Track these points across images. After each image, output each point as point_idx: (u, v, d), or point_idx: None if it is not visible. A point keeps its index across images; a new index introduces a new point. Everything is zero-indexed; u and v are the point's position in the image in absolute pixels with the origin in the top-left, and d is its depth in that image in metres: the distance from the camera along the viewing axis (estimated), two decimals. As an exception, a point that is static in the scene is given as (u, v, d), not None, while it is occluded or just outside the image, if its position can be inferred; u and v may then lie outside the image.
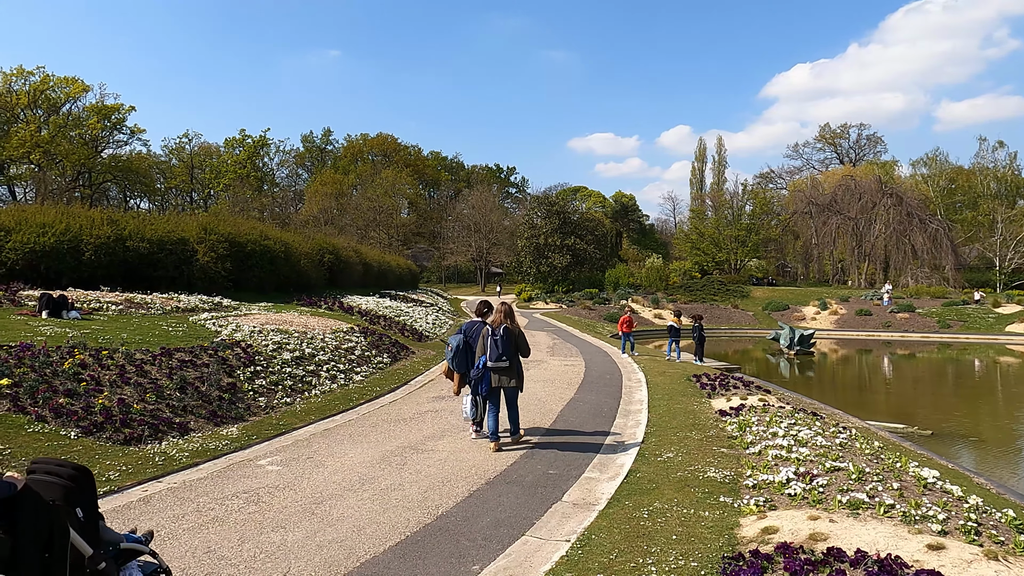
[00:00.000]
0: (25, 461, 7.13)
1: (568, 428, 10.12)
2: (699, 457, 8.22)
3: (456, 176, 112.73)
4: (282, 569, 5.09)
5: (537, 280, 63.10)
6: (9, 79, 76.53)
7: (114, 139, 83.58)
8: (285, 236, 26.63)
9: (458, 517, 6.27)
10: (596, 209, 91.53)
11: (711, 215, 78.23)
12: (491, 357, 8.73)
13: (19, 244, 17.14)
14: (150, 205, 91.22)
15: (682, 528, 5.84)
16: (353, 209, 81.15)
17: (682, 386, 14.10)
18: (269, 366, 12.40)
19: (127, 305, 15.86)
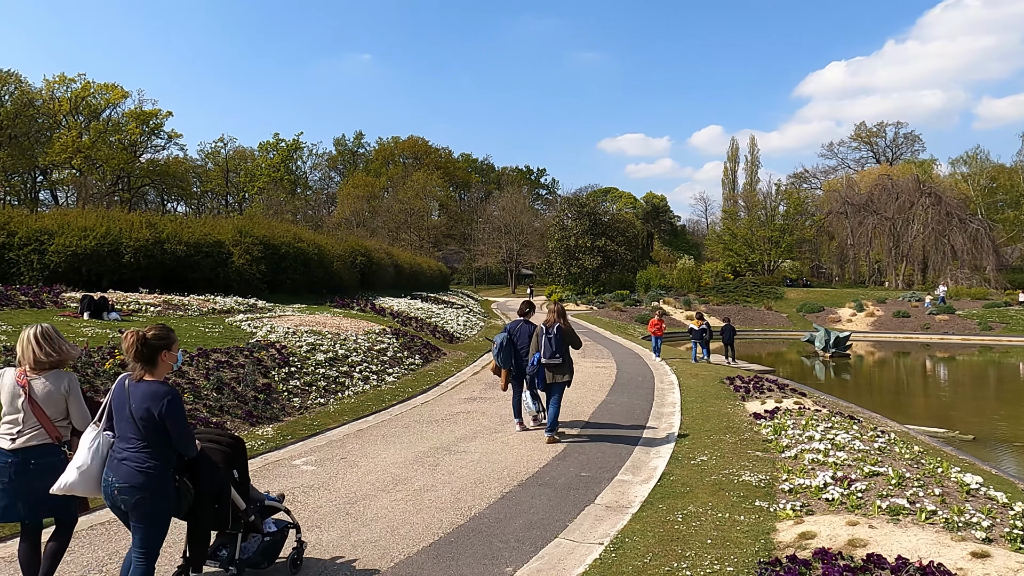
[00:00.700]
0: (68, 459, 7.30)
1: (600, 431, 10.08)
2: (733, 460, 8.13)
3: (487, 178, 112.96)
4: (316, 570, 5.14)
5: (567, 282, 62.96)
6: (52, 86, 78.61)
7: (152, 144, 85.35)
8: (318, 239, 26.94)
9: (491, 518, 6.27)
10: (627, 210, 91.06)
11: (744, 216, 77.38)
12: (545, 354, 9.30)
13: (62, 247, 17.58)
14: (187, 208, 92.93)
15: (717, 532, 5.78)
16: (384, 211, 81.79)
17: (715, 388, 13.96)
18: (303, 367, 12.54)
19: (165, 307, 16.17)
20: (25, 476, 4.22)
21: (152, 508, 3.97)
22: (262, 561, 4.85)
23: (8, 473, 4.22)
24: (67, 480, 3.99)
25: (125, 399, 4.03)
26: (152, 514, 3.99)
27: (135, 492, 3.91)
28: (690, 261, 66.15)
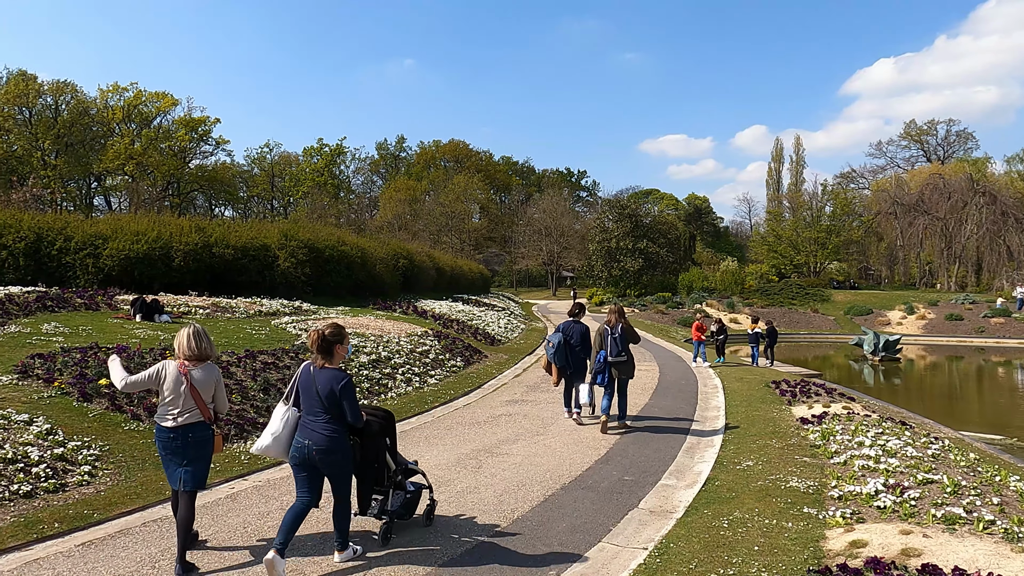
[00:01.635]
0: (123, 457, 7.52)
1: (643, 434, 9.99)
2: (780, 466, 7.99)
3: (527, 180, 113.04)
4: (364, 569, 5.19)
5: (608, 284, 62.59)
6: (106, 95, 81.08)
7: (200, 150, 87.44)
8: (361, 242, 27.25)
9: (534, 521, 6.26)
10: (669, 212, 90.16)
11: (789, 217, 76.00)
12: (611, 353, 10.06)
13: (115, 251, 18.09)
14: (233, 213, 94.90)
15: (764, 539, 5.68)
16: (426, 215, 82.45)
17: (760, 392, 13.74)
18: (347, 368, 12.69)
19: (213, 309, 16.52)
20: (184, 448, 5.17)
21: (340, 463, 5.24)
22: (405, 513, 5.96)
23: (171, 446, 5.18)
24: (262, 444, 5.29)
25: (311, 381, 5.21)
26: (340, 467, 5.26)
27: (325, 452, 5.12)
28: (733, 263, 65.16)
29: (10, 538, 5.52)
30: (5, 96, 74.46)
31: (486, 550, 5.58)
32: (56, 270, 18.03)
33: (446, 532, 5.98)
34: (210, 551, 5.50)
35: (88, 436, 7.74)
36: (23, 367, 9.42)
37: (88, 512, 6.15)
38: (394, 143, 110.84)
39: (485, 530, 6.02)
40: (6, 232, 17.72)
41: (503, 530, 6.03)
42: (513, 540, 5.80)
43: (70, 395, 8.77)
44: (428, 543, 5.73)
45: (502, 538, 5.84)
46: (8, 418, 7.57)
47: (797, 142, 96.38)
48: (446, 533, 5.95)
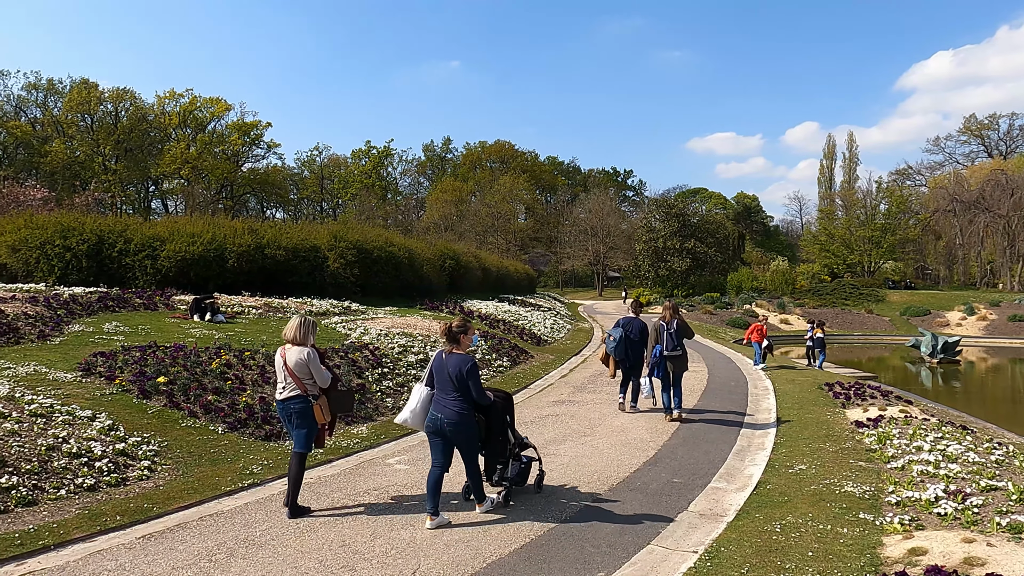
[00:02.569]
0: (181, 453, 7.74)
1: (691, 436, 9.86)
2: (834, 470, 7.80)
3: (573, 180, 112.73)
4: (412, 566, 5.25)
5: (655, 284, 62.04)
6: (163, 102, 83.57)
7: (253, 154, 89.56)
8: (408, 243, 27.54)
9: (582, 523, 6.23)
10: (717, 211, 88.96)
11: (841, 215, 74.26)
12: (667, 347, 10.63)
13: (172, 253, 18.63)
14: (284, 215, 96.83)
15: (819, 545, 5.55)
16: (472, 215, 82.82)
17: (813, 395, 13.44)
18: (395, 368, 12.83)
19: (265, 309, 16.88)
20: (289, 417, 6.27)
21: (466, 435, 6.20)
22: (520, 482, 6.91)
23: (282, 416, 6.40)
24: (403, 417, 6.38)
25: (443, 365, 6.20)
26: (467, 438, 6.23)
27: (455, 426, 6.09)
28: (784, 263, 63.97)
29: (75, 529, 5.73)
30: (69, 104, 77.34)
31: (533, 550, 5.58)
32: (116, 271, 18.65)
33: (492, 533, 6.00)
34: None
35: (147, 432, 7.98)
36: (86, 365, 9.77)
37: (148, 506, 6.34)
38: (440, 144, 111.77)
39: (533, 530, 6.01)
40: (70, 235, 18.40)
41: (550, 530, 6.02)
42: (561, 541, 5.78)
43: (130, 392, 9.06)
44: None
45: (551, 538, 5.83)
46: (73, 414, 7.86)
47: (850, 138, 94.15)
48: (492, 534, 5.97)
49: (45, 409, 7.76)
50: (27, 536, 5.52)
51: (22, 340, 11.01)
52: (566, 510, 6.55)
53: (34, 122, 78.83)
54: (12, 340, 10.88)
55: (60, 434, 7.24)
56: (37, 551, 5.35)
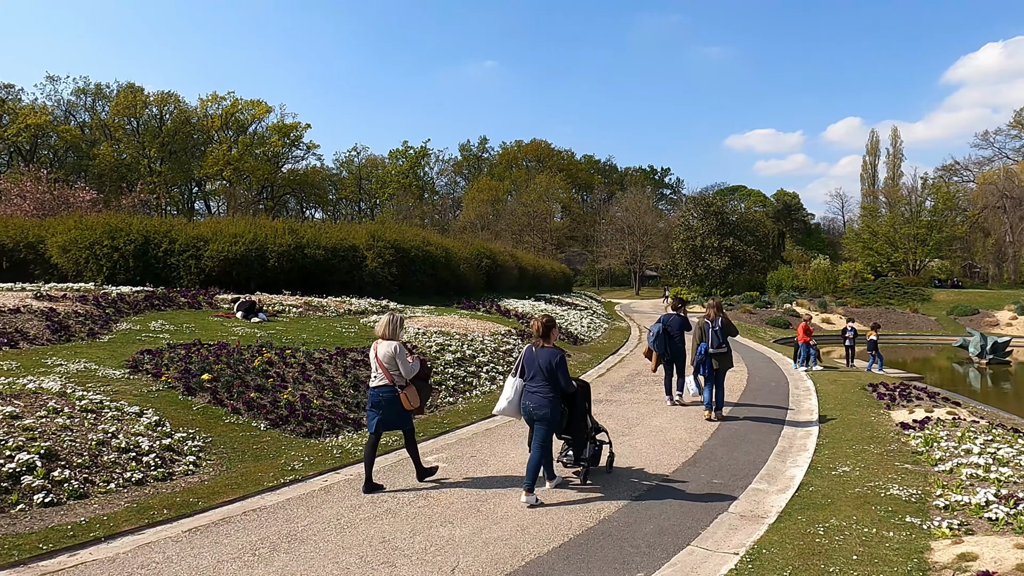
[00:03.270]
0: (224, 449, 7.89)
1: (731, 436, 9.75)
2: (879, 472, 7.64)
3: (609, 179, 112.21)
4: (451, 563, 5.28)
5: (693, 283, 61.39)
6: (205, 104, 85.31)
7: (292, 155, 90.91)
8: (445, 242, 27.66)
9: (620, 522, 6.21)
10: (756, 209, 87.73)
11: (885, 212, 72.61)
12: (712, 344, 10.76)
13: (215, 252, 19.00)
14: (323, 215, 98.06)
15: (863, 548, 5.44)
16: (508, 214, 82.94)
17: (856, 396, 13.18)
18: (433, 367, 12.91)
19: (305, 308, 17.12)
20: (379, 403, 6.99)
21: (551, 418, 6.82)
22: (594, 462, 7.64)
23: (373, 402, 7.05)
24: (500, 407, 7.08)
25: (534, 357, 6.93)
26: (550, 422, 6.83)
27: (543, 410, 6.77)
28: (825, 261, 62.73)
29: (124, 522, 5.88)
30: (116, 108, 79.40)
31: (572, 549, 5.57)
32: (162, 271, 19.10)
33: (531, 532, 6.00)
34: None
35: (192, 428, 8.16)
36: (134, 362, 10.03)
37: (193, 500, 6.48)
38: (476, 144, 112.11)
39: (571, 529, 6.00)
40: (118, 235, 18.89)
41: (590, 527, 6.00)
42: (600, 540, 5.76)
43: (176, 389, 9.27)
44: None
45: (589, 538, 5.81)
46: (121, 410, 8.07)
47: (894, 134, 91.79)
48: (531, 532, 5.97)
49: (95, 405, 7.98)
50: (79, 528, 5.69)
51: (73, 338, 11.34)
52: (604, 510, 6.53)
53: (83, 126, 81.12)
54: (64, 338, 11.22)
55: (109, 429, 7.45)
56: (89, 542, 5.51)
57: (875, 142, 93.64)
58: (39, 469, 6.35)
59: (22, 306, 12.45)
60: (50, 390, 8.15)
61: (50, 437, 6.93)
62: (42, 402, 7.72)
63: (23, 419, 7.16)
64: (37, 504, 6.00)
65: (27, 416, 7.27)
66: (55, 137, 76.38)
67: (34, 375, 8.79)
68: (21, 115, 72.54)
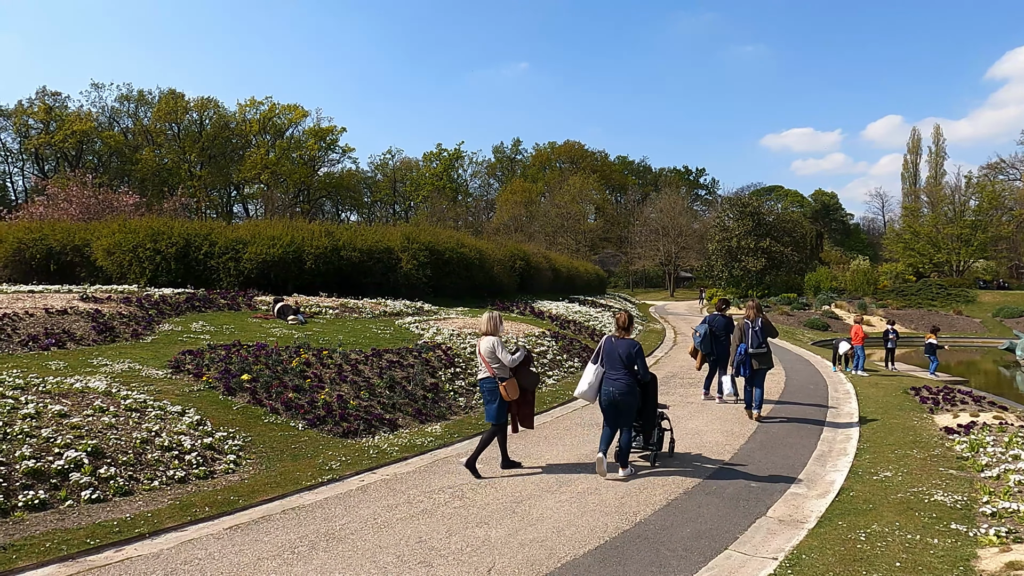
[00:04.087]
0: (263, 448, 8.02)
1: (769, 440, 9.62)
2: (923, 478, 7.47)
3: (643, 180, 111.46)
4: (487, 564, 5.29)
5: (729, 284, 60.62)
6: (243, 109, 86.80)
7: (328, 158, 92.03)
8: (479, 244, 27.73)
9: (657, 525, 6.17)
10: (793, 209, 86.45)
11: (927, 212, 71.08)
12: (752, 345, 10.95)
13: (254, 255, 19.31)
14: (358, 217, 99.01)
15: (907, 555, 5.33)
16: (541, 216, 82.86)
17: (898, 399, 12.91)
18: (467, 368, 12.96)
19: (341, 309, 17.31)
20: (484, 393, 7.73)
21: (631, 404, 7.64)
22: (660, 445, 8.41)
23: (486, 393, 7.71)
24: (581, 390, 7.83)
25: (614, 348, 7.73)
26: (630, 407, 7.66)
27: (624, 395, 7.58)
28: (865, 262, 61.52)
29: (168, 519, 6.01)
30: (158, 113, 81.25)
31: (608, 552, 5.55)
32: (202, 273, 19.47)
33: (567, 534, 5.99)
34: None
35: (233, 427, 8.31)
36: (176, 362, 10.24)
37: (234, 498, 6.60)
38: (510, 146, 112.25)
39: (607, 532, 5.98)
40: (160, 238, 19.31)
41: (626, 530, 5.97)
42: (636, 543, 5.73)
43: (216, 389, 9.45)
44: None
45: (625, 541, 5.78)
46: (164, 409, 8.25)
47: (937, 132, 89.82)
48: (567, 534, 5.96)
49: (139, 404, 8.17)
50: (124, 524, 5.83)
51: (117, 339, 11.63)
52: (640, 513, 6.49)
53: (126, 132, 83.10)
54: (108, 339, 11.50)
55: (153, 428, 7.62)
56: (134, 538, 5.64)
57: (917, 140, 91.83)
58: (86, 466, 6.53)
59: (69, 308, 12.80)
60: (96, 389, 8.37)
61: (96, 435, 7.11)
62: (89, 401, 7.94)
63: (71, 417, 7.37)
64: (84, 500, 6.16)
65: (75, 415, 7.48)
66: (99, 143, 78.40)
67: (81, 375, 9.04)
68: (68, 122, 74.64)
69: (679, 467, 8.12)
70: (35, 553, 5.21)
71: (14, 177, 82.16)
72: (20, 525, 5.63)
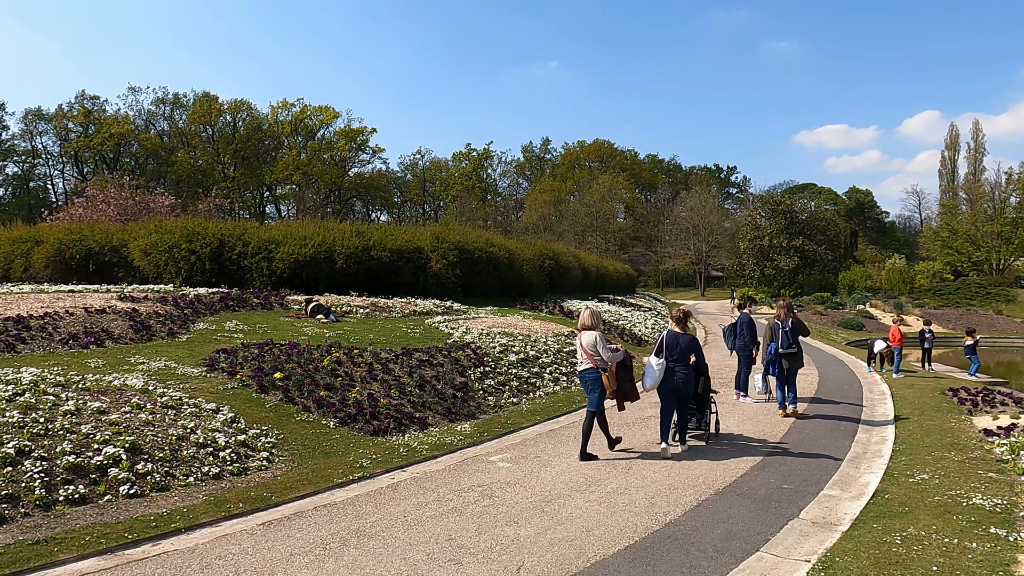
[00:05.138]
0: (295, 445, 8.12)
1: (802, 441, 9.50)
2: (960, 481, 7.32)
3: (673, 178, 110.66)
4: (516, 562, 5.30)
5: (761, 284, 59.96)
6: (276, 111, 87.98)
7: (359, 159, 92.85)
8: (508, 243, 27.76)
9: (687, 526, 6.13)
10: (827, 207, 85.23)
11: (966, 209, 69.59)
12: (782, 345, 11.01)
13: (286, 255, 19.56)
14: (388, 217, 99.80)
15: (944, 559, 5.23)
16: (571, 215, 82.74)
17: (935, 400, 12.65)
18: (496, 367, 12.99)
19: (372, 309, 17.45)
20: (585, 383, 8.39)
21: (690, 391, 8.73)
22: (709, 425, 9.47)
23: (581, 382, 8.48)
24: (649, 385, 8.62)
25: (675, 341, 8.64)
26: (689, 394, 8.76)
27: (686, 384, 8.59)
28: (901, 261, 60.42)
29: (203, 514, 6.12)
30: (192, 116, 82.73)
31: (638, 552, 5.52)
32: (235, 272, 19.77)
33: (596, 533, 5.98)
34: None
35: (265, 425, 8.43)
36: (210, 361, 10.42)
37: (267, 495, 6.70)
38: (539, 145, 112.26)
39: (636, 532, 5.96)
40: (195, 239, 19.65)
41: (656, 531, 5.94)
42: (666, 544, 5.70)
43: (249, 387, 9.59)
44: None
45: (655, 541, 5.76)
46: (199, 406, 8.40)
47: (975, 127, 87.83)
48: (596, 534, 5.95)
49: (175, 401, 8.33)
50: (161, 519, 5.95)
51: (154, 337, 11.86)
52: (670, 513, 6.45)
53: (162, 134, 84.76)
54: (145, 337, 11.74)
55: (188, 425, 7.76)
56: (170, 533, 5.76)
57: (955, 136, 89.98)
58: (124, 462, 6.67)
59: (107, 307, 13.08)
60: (133, 387, 8.55)
61: (134, 432, 7.26)
62: (126, 398, 8.11)
63: (109, 414, 7.54)
64: (122, 495, 6.30)
65: (113, 411, 7.65)
66: (136, 145, 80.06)
67: (119, 372, 9.23)
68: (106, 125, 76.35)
69: (709, 467, 8.06)
70: (75, 546, 5.34)
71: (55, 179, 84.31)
72: (61, 519, 5.78)
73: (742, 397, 12.71)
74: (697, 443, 9.23)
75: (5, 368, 8.58)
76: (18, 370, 8.50)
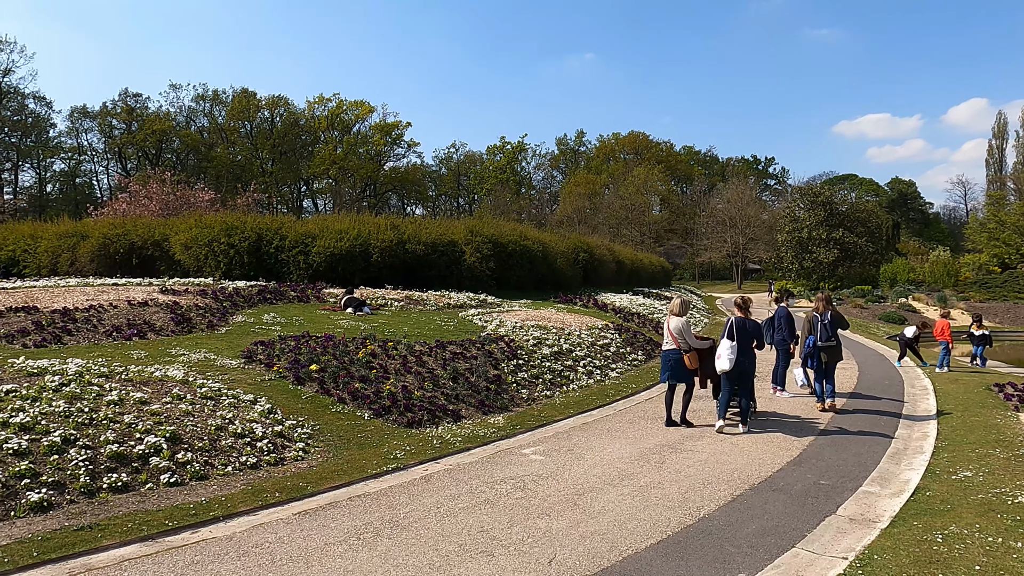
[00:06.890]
0: (331, 436, 8.23)
1: (840, 436, 9.33)
2: (1006, 479, 7.12)
3: (710, 170, 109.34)
4: (548, 555, 5.31)
5: (799, 276, 59.02)
6: (312, 107, 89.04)
7: (394, 153, 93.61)
8: (542, 236, 27.70)
9: (721, 521, 6.07)
10: (868, 198, 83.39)
11: (1014, 200, 67.45)
12: (821, 338, 10.93)
13: (322, 249, 19.80)
14: (423, 211, 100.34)
15: (987, 559, 5.10)
16: (605, 208, 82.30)
17: (980, 396, 12.32)
18: (530, 360, 12.99)
19: (406, 302, 17.58)
20: (670, 362, 9.64)
21: (752, 371, 9.57)
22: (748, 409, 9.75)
23: (665, 361, 9.77)
24: (721, 367, 9.24)
25: (743, 325, 9.37)
26: (751, 374, 9.60)
27: (752, 366, 9.53)
28: (945, 253, 58.94)
29: (240, 503, 6.24)
30: (231, 112, 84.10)
31: (671, 546, 5.49)
32: (273, 266, 20.07)
33: (628, 527, 5.95)
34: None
35: (301, 416, 8.56)
36: (248, 352, 10.60)
37: (303, 485, 6.80)
38: (573, 138, 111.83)
39: (669, 526, 5.92)
40: (234, 233, 19.99)
41: (689, 525, 5.90)
42: (699, 539, 5.65)
43: (286, 378, 9.74)
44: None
45: (688, 536, 5.71)
46: (237, 397, 8.56)
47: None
48: (628, 528, 5.92)
49: (214, 392, 8.49)
50: (200, 507, 6.08)
51: (194, 329, 12.10)
52: (703, 508, 6.40)
53: (202, 130, 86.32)
54: (186, 329, 11.99)
55: (227, 415, 7.91)
56: (209, 521, 5.88)
57: (1003, 124, 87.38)
58: (165, 451, 6.83)
59: (150, 300, 13.38)
60: (174, 378, 8.74)
61: (174, 422, 7.43)
62: (167, 389, 8.30)
63: (151, 404, 7.72)
64: (163, 484, 6.45)
65: (154, 402, 7.83)
66: (177, 141, 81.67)
67: (160, 364, 9.44)
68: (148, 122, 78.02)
69: (744, 462, 7.97)
70: (118, 532, 5.49)
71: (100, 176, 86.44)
72: (105, 506, 5.94)
73: (779, 392, 12.53)
74: (733, 430, 9.52)
75: (52, 359, 8.83)
76: (64, 361, 8.74)
